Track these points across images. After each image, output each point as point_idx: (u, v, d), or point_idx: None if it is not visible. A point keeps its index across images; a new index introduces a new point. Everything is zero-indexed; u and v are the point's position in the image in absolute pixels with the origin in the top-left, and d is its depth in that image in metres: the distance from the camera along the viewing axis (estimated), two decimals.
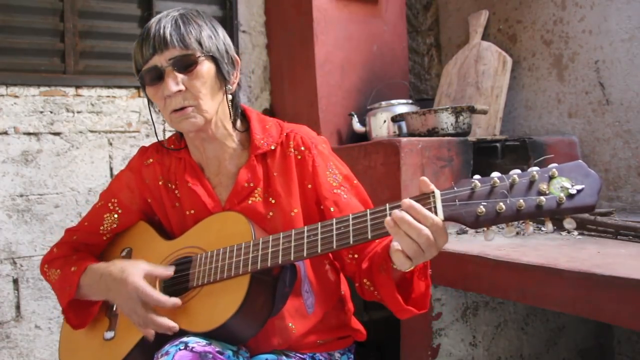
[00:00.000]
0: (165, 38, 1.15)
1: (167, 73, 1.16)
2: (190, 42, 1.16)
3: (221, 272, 1.15)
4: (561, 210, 0.89)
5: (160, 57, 1.16)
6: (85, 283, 1.27)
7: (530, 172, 0.93)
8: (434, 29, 2.98)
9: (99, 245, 1.41)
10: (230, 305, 1.10)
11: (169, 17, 1.18)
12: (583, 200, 0.88)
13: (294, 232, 1.10)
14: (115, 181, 1.40)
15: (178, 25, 1.16)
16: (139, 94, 2.57)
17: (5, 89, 2.33)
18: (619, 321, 1.22)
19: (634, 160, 2.06)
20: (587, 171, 0.91)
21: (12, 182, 2.32)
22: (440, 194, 0.98)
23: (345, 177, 1.29)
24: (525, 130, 2.47)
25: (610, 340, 2.16)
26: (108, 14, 2.56)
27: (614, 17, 2.11)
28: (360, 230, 1.03)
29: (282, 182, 1.26)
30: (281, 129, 1.30)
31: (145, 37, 1.17)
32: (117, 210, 1.37)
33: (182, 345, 1.08)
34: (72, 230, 1.42)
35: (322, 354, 1.32)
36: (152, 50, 1.16)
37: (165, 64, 1.16)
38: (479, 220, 0.94)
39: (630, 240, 1.55)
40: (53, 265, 1.35)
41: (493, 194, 0.94)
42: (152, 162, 1.35)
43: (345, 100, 2.57)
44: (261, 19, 2.88)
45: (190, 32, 1.17)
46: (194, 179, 1.29)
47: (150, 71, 1.17)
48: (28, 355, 2.31)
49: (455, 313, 1.78)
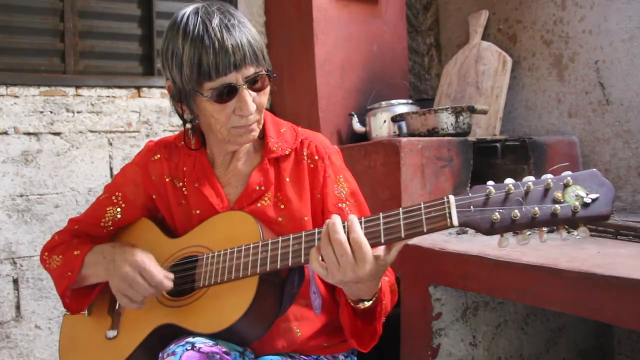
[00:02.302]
0: (245, 54, 1.09)
1: (242, 92, 1.12)
2: (261, 58, 1.13)
3: (229, 273, 1.13)
4: (576, 219, 0.89)
5: (238, 74, 1.10)
6: (91, 261, 1.26)
7: (545, 180, 0.93)
8: (434, 29, 2.98)
9: (100, 237, 1.37)
10: (238, 307, 1.09)
11: (235, 27, 1.11)
12: (598, 210, 0.88)
13: (304, 234, 1.09)
14: (121, 175, 1.37)
15: (248, 40, 1.11)
16: (139, 94, 2.57)
17: (5, 89, 2.33)
18: (619, 321, 1.22)
19: (634, 160, 2.06)
20: (601, 180, 0.91)
21: (12, 182, 2.32)
22: (455, 199, 0.98)
23: (351, 192, 1.29)
24: (525, 130, 2.47)
25: (610, 340, 2.16)
26: (108, 14, 2.56)
27: (614, 17, 2.11)
28: (374, 234, 1.02)
29: (294, 188, 1.25)
30: (296, 134, 1.29)
31: (218, 49, 1.08)
32: (120, 204, 1.34)
33: (189, 346, 1.08)
34: (74, 220, 1.40)
35: (327, 356, 1.32)
36: (232, 68, 1.09)
37: (241, 82, 1.11)
38: (494, 227, 0.93)
39: (630, 240, 1.54)
40: (54, 251, 1.32)
41: (508, 201, 0.94)
42: (160, 158, 1.32)
43: (345, 100, 2.57)
44: (261, 19, 2.88)
45: (256, 45, 1.13)
46: (203, 178, 1.27)
47: (224, 88, 1.11)
48: (28, 355, 2.31)
49: (455, 313, 1.77)
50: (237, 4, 2.80)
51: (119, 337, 1.25)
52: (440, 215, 0.97)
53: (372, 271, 0.99)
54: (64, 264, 1.29)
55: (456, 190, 1.97)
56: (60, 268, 1.29)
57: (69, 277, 1.27)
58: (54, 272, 1.32)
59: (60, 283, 1.30)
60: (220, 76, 1.09)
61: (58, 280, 1.31)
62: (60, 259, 1.30)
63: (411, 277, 1.81)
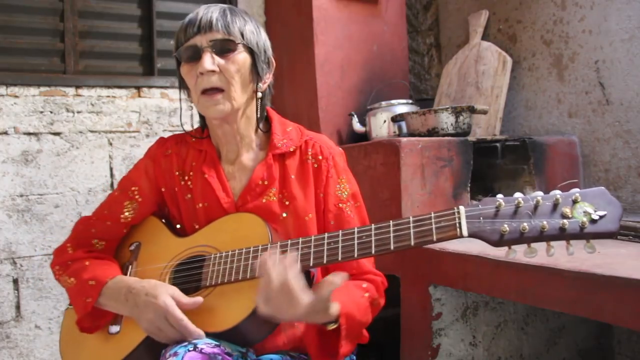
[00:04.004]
0: (211, 21, 1.21)
1: (205, 52, 1.20)
2: (234, 30, 1.22)
3: (236, 274, 1.14)
4: (584, 234, 0.91)
5: (202, 37, 1.21)
6: (107, 299, 1.22)
7: (553, 195, 0.95)
8: (434, 29, 2.98)
9: (116, 238, 1.36)
10: (244, 307, 1.09)
11: (218, 6, 1.25)
12: (605, 226, 0.91)
13: (314, 238, 1.10)
14: (134, 170, 1.38)
15: (225, 15, 1.23)
16: (139, 94, 2.57)
17: (5, 89, 2.33)
18: (619, 321, 1.22)
19: (634, 160, 2.06)
20: (609, 198, 0.93)
21: (12, 182, 2.31)
22: (465, 210, 0.99)
23: (352, 194, 1.31)
24: (525, 130, 2.47)
25: (610, 340, 2.16)
26: (108, 14, 2.56)
27: (614, 17, 2.11)
28: (383, 241, 1.04)
29: (299, 185, 1.28)
30: (301, 134, 1.34)
31: (191, 19, 1.23)
32: (137, 198, 1.34)
33: (191, 347, 1.08)
34: (89, 221, 1.36)
35: None
36: (197, 30, 1.21)
37: (205, 44, 1.20)
38: (503, 239, 0.95)
39: (630, 240, 1.55)
40: (67, 270, 1.30)
41: (517, 214, 0.96)
42: (171, 153, 1.36)
43: (345, 100, 2.57)
44: (261, 19, 2.88)
45: (235, 22, 1.23)
46: (211, 170, 1.30)
47: (189, 49, 1.22)
48: (28, 355, 2.31)
49: (455, 313, 1.78)
50: (237, 3, 2.80)
51: (121, 332, 1.24)
52: (450, 225, 0.99)
53: (309, 312, 1.02)
54: (79, 290, 1.25)
55: (456, 190, 1.97)
56: (75, 291, 1.27)
57: (89, 304, 1.22)
58: (69, 291, 1.30)
59: (79, 305, 1.25)
60: (187, 39, 1.22)
61: (75, 301, 1.27)
62: (72, 282, 1.27)
63: (411, 277, 1.81)
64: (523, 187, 2.14)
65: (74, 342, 1.32)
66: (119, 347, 1.22)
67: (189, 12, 1.28)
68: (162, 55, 2.63)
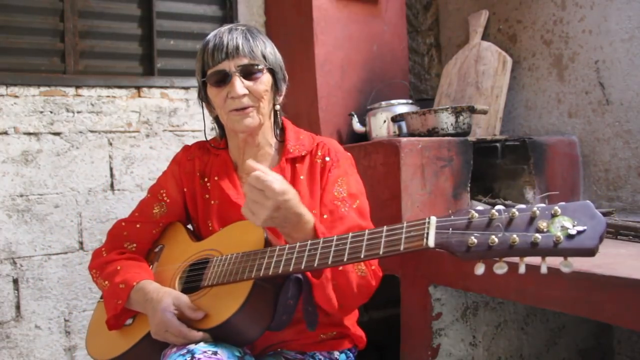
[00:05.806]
0: (238, 47, 1.31)
1: (234, 77, 1.31)
2: (257, 54, 1.34)
3: (229, 275, 1.21)
4: (557, 250, 0.84)
5: (230, 62, 1.32)
6: (133, 301, 1.32)
7: (530, 208, 0.89)
8: (434, 29, 2.98)
9: (147, 241, 1.48)
10: (231, 306, 1.16)
11: (238, 30, 1.35)
12: (582, 243, 0.83)
13: (298, 245, 1.14)
14: (162, 175, 1.52)
15: (248, 39, 1.34)
16: (139, 94, 2.57)
17: (5, 89, 2.33)
18: (619, 321, 1.22)
19: (634, 160, 2.07)
20: (593, 213, 0.86)
21: (12, 182, 2.31)
22: (437, 220, 0.97)
23: (350, 195, 1.36)
24: (525, 130, 2.47)
25: (610, 340, 2.16)
26: (108, 14, 2.56)
27: (614, 17, 2.11)
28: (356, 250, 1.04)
29: (307, 184, 1.37)
30: (313, 139, 1.45)
31: (217, 45, 1.33)
32: (165, 199, 1.47)
33: (188, 356, 1.11)
34: (121, 224, 1.48)
35: (322, 353, 1.35)
36: (224, 56, 1.31)
37: (233, 69, 1.31)
38: (470, 252, 0.90)
39: (630, 240, 1.55)
40: (102, 273, 1.41)
41: (489, 227, 0.91)
42: (194, 158, 1.49)
43: (345, 100, 2.57)
44: (261, 19, 2.88)
45: (258, 45, 1.35)
46: (224, 174, 1.42)
47: (217, 73, 1.33)
48: (28, 355, 2.31)
49: (455, 313, 1.78)
50: (237, 4, 2.80)
51: (133, 324, 1.36)
52: (418, 236, 0.97)
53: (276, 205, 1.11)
54: (112, 292, 1.35)
55: (456, 190, 1.97)
56: (108, 293, 1.36)
57: (119, 305, 1.32)
58: (104, 292, 1.40)
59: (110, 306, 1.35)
60: (216, 64, 1.33)
61: (107, 302, 1.36)
62: (106, 285, 1.37)
63: (411, 277, 1.82)
64: (523, 187, 2.14)
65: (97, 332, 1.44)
66: (128, 337, 1.34)
67: (189, 12, 1.29)
68: (162, 55, 2.64)
